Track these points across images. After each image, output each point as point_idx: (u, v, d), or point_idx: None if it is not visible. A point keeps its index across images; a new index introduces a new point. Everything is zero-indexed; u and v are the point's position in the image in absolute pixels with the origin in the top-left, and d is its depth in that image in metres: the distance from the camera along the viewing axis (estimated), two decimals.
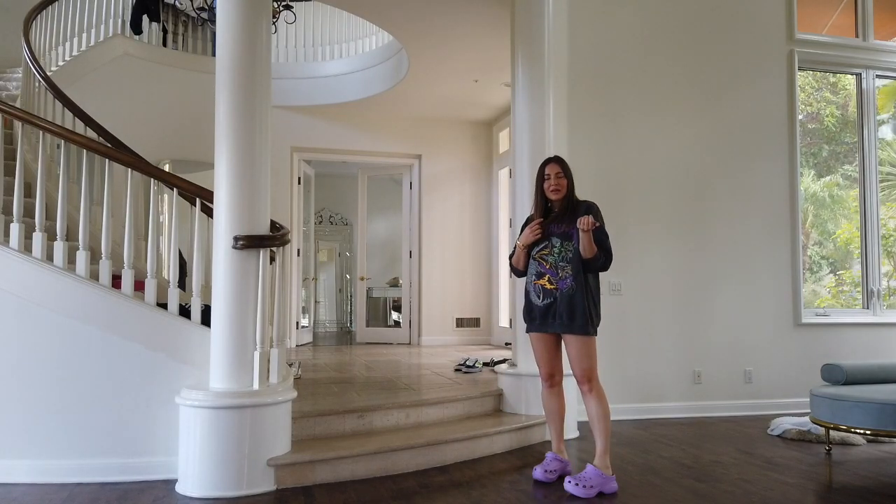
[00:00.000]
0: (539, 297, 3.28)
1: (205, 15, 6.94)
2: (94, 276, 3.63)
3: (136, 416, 3.45)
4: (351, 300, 12.12)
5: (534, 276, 3.31)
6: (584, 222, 3.11)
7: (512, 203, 4.85)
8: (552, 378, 3.42)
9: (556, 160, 3.39)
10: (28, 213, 4.05)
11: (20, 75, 5.79)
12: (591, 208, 3.32)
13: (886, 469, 3.69)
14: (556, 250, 3.25)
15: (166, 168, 7.00)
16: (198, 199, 3.74)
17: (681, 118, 5.38)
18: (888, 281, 6.14)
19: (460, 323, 8.39)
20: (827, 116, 6.58)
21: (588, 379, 3.22)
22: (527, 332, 3.44)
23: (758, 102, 5.55)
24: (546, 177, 3.36)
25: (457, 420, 4.13)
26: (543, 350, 3.38)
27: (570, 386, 3.79)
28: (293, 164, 8.08)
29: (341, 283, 13.02)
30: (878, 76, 6.04)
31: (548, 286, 3.25)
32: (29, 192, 4.52)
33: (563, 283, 3.21)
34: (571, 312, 3.19)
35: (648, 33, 5.38)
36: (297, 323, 8.18)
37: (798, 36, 5.69)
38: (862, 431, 3.80)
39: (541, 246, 3.31)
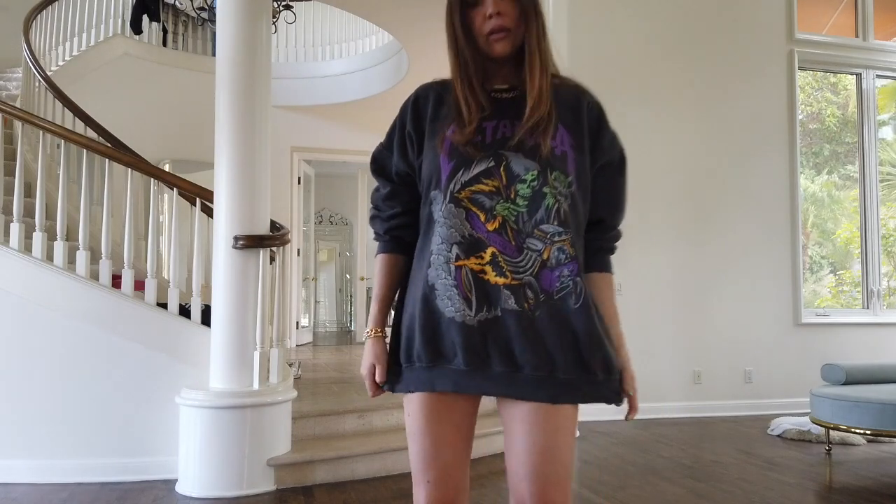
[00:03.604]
0: (468, 304, 1.23)
1: (205, 15, 6.94)
2: (94, 276, 3.63)
3: (136, 416, 3.45)
4: (351, 300, 12.11)
5: (454, 249, 1.25)
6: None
7: None
8: None
9: None
10: (28, 213, 4.05)
11: (20, 75, 5.80)
12: (601, 113, 1.37)
13: (886, 469, 3.69)
14: (522, 190, 1.25)
15: (166, 168, 6.99)
16: (198, 199, 3.74)
17: (681, 118, 5.37)
18: (888, 281, 6.14)
19: None
20: (828, 116, 6.58)
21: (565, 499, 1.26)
22: (405, 389, 1.31)
23: (758, 102, 5.55)
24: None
25: None
26: (447, 434, 1.30)
27: None
28: (293, 164, 8.08)
29: (341, 283, 13.02)
30: (878, 76, 6.04)
31: (490, 277, 1.23)
32: (29, 192, 4.52)
33: (551, 275, 1.24)
34: (575, 344, 1.24)
35: (648, 34, 5.37)
36: (297, 323, 8.18)
37: (798, 36, 5.69)
38: (862, 431, 3.80)
39: (475, 170, 1.26)
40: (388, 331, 1.37)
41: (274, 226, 3.53)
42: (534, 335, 1.22)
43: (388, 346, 1.35)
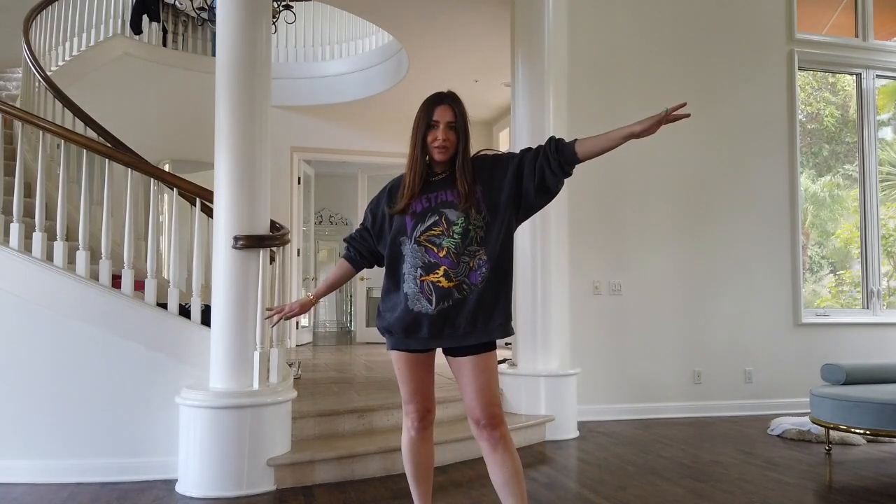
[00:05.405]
0: (430, 302, 2.10)
1: (205, 15, 6.95)
2: (94, 276, 3.63)
3: (136, 416, 3.45)
4: (351, 300, 12.11)
5: (419, 271, 2.12)
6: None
7: None
8: (428, 415, 2.34)
9: (451, 99, 2.22)
10: (28, 213, 4.05)
11: (20, 75, 5.79)
12: (501, 158, 2.26)
13: (886, 469, 3.69)
14: (456, 229, 2.11)
15: (166, 168, 6.99)
16: (198, 199, 3.75)
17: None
18: (888, 281, 6.14)
19: None
20: (827, 116, 6.58)
21: (499, 418, 2.20)
22: (392, 348, 2.25)
23: (758, 102, 5.55)
24: (433, 124, 2.17)
25: (457, 420, 4.13)
26: (420, 375, 2.26)
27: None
28: (293, 164, 8.08)
29: None
30: (878, 76, 6.04)
31: (444, 284, 2.09)
32: (29, 192, 4.52)
33: (474, 274, 2.11)
34: (488, 312, 2.14)
35: (648, 33, 5.37)
36: (297, 323, 8.18)
37: (798, 36, 5.69)
38: (862, 431, 3.80)
39: (427, 223, 2.14)
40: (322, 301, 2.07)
41: (274, 226, 3.53)
42: (468, 311, 2.11)
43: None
